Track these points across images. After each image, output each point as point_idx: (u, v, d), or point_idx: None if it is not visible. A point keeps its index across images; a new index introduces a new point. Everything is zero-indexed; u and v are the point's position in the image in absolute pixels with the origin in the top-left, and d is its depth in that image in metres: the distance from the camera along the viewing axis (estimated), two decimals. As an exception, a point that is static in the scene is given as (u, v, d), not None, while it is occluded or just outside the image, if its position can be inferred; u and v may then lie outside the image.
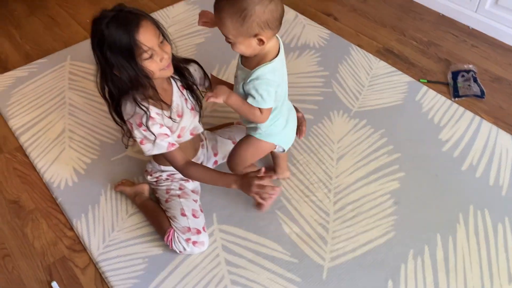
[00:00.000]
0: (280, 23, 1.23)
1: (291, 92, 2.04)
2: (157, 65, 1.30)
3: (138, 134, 1.38)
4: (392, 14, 2.53)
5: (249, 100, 1.29)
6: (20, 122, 2.00)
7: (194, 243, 1.46)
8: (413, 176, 1.72)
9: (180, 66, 1.48)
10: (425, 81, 2.10)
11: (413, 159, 1.77)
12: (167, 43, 1.33)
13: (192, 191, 1.61)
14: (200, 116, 1.56)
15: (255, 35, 1.20)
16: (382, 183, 1.70)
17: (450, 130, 1.87)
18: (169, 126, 1.43)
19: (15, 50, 2.41)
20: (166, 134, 1.40)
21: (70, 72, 2.23)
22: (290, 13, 2.53)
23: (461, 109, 1.95)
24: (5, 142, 1.94)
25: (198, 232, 1.48)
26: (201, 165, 1.53)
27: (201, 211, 1.56)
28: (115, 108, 1.40)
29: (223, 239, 1.56)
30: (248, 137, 1.47)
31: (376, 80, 2.11)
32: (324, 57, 2.25)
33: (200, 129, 1.56)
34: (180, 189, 1.59)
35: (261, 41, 1.21)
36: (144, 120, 1.35)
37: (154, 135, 1.37)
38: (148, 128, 1.35)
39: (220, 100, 1.26)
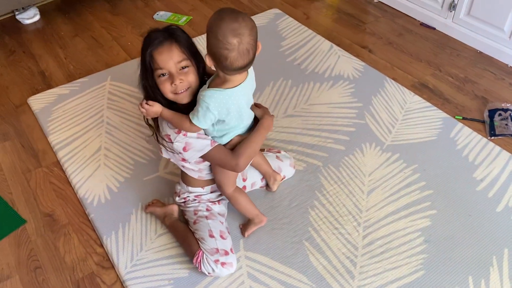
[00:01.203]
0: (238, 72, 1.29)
1: (323, 122, 2.07)
2: (169, 87, 1.35)
3: (178, 142, 1.39)
4: (428, 49, 2.53)
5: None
6: (59, 137, 2.07)
7: (222, 264, 1.47)
8: (445, 215, 1.68)
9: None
10: (461, 118, 2.08)
11: (445, 197, 1.74)
12: (191, 72, 1.36)
13: (219, 213, 1.63)
14: None
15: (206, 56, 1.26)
16: (412, 220, 1.67)
17: (485, 169, 1.83)
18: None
19: (59, 68, 2.52)
20: (203, 135, 1.42)
21: (110, 92, 2.31)
22: (325, 44, 2.56)
23: (497, 148, 1.91)
24: (44, 156, 2.01)
25: (226, 253, 1.49)
26: (238, 145, 1.47)
27: (228, 232, 1.58)
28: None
29: (248, 266, 1.56)
30: None
31: (410, 115, 2.10)
32: (358, 88, 2.25)
33: None
34: (207, 210, 1.61)
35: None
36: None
37: (193, 137, 1.40)
38: (186, 133, 1.39)
39: (151, 115, 1.40)
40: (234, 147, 1.46)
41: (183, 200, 1.65)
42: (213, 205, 1.64)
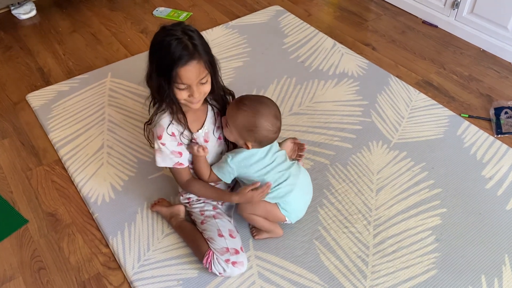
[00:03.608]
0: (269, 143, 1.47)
1: (329, 119, 2.05)
2: (185, 96, 1.37)
3: (155, 144, 1.45)
4: (431, 47, 2.52)
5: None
6: (60, 135, 2.03)
7: (233, 263, 1.44)
8: (455, 213, 1.67)
9: (220, 94, 1.50)
10: (467, 116, 2.07)
11: (455, 195, 1.73)
12: (208, 83, 1.38)
13: (226, 212, 1.61)
14: (227, 149, 1.58)
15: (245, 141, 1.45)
16: (423, 218, 1.66)
17: (493, 167, 1.82)
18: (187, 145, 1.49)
19: (58, 65, 2.47)
20: (180, 153, 1.45)
21: (110, 89, 2.27)
22: (328, 42, 2.54)
23: (504, 146, 1.91)
24: (45, 154, 1.96)
25: (237, 252, 1.46)
26: (201, 181, 1.54)
27: (237, 231, 1.55)
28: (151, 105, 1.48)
29: (259, 266, 1.53)
30: None
31: (416, 112, 2.08)
32: (363, 86, 2.24)
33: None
34: (214, 209, 1.58)
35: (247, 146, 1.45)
36: (164, 133, 1.41)
37: (168, 150, 1.44)
38: (165, 143, 1.42)
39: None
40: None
41: (187, 201, 1.62)
42: (219, 204, 1.61)
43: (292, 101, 2.17)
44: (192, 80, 1.33)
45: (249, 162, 1.46)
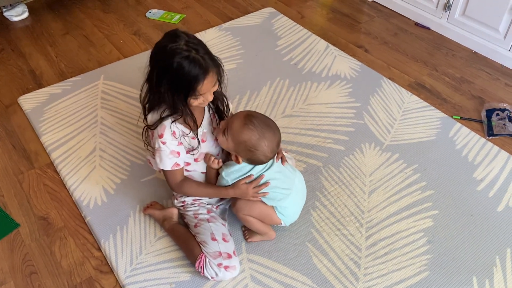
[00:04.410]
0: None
1: (322, 122, 2.05)
2: (198, 102, 1.38)
3: (155, 143, 1.43)
4: (423, 49, 2.53)
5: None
6: (52, 138, 2.02)
7: (225, 267, 1.44)
8: (447, 215, 1.68)
9: (215, 95, 1.50)
10: (459, 117, 2.08)
11: (447, 197, 1.74)
12: (217, 85, 1.40)
13: (220, 216, 1.61)
14: (222, 151, 1.58)
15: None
16: (415, 220, 1.66)
17: (485, 169, 1.83)
18: (187, 146, 1.47)
19: (50, 67, 2.46)
20: (178, 153, 1.45)
21: (103, 91, 2.26)
22: (321, 44, 2.55)
23: (496, 148, 1.92)
24: (37, 157, 1.95)
25: (229, 256, 1.46)
26: (194, 180, 1.55)
27: (230, 235, 1.55)
28: (145, 114, 1.47)
29: (251, 269, 1.53)
30: None
31: (408, 114, 2.09)
32: (355, 88, 2.24)
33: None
34: (208, 212, 1.58)
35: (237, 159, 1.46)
36: (166, 132, 1.40)
37: (168, 149, 1.42)
38: (165, 142, 1.41)
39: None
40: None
41: (181, 204, 1.62)
42: (214, 207, 1.61)
43: (285, 103, 2.17)
44: (209, 89, 1.35)
45: (242, 173, 1.46)
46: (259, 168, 1.46)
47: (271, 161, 1.48)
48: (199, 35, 2.65)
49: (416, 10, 2.71)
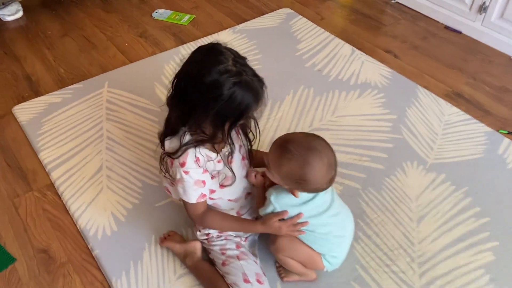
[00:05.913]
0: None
1: (356, 136, 1.84)
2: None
3: (176, 173, 1.20)
4: (456, 54, 2.33)
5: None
6: (52, 155, 1.78)
7: (260, 313, 1.22)
8: (509, 247, 1.47)
9: None
10: (506, 132, 1.88)
11: (505, 226, 1.53)
12: None
13: (250, 250, 1.39)
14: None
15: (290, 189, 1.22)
16: (473, 254, 1.45)
17: (544, 193, 1.64)
18: (212, 172, 1.25)
19: (47, 72, 2.21)
20: (204, 182, 1.22)
21: (108, 100, 2.03)
22: (345, 48, 2.33)
23: (552, 167, 1.72)
24: (35, 177, 1.72)
25: (265, 301, 1.24)
26: (218, 212, 1.33)
27: (264, 274, 1.33)
28: (164, 137, 1.23)
29: (290, 314, 1.32)
30: None
31: (450, 129, 1.89)
32: (389, 98, 2.03)
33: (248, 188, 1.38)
34: (237, 247, 1.36)
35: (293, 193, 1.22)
36: (188, 159, 1.17)
37: (192, 179, 1.20)
38: (188, 171, 1.19)
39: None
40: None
41: (205, 237, 1.40)
42: (243, 242, 1.39)
43: (312, 115, 1.95)
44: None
45: (298, 202, 1.24)
46: (316, 203, 1.23)
47: (328, 202, 1.25)
48: (211, 38, 2.43)
49: (445, 12, 2.51)
